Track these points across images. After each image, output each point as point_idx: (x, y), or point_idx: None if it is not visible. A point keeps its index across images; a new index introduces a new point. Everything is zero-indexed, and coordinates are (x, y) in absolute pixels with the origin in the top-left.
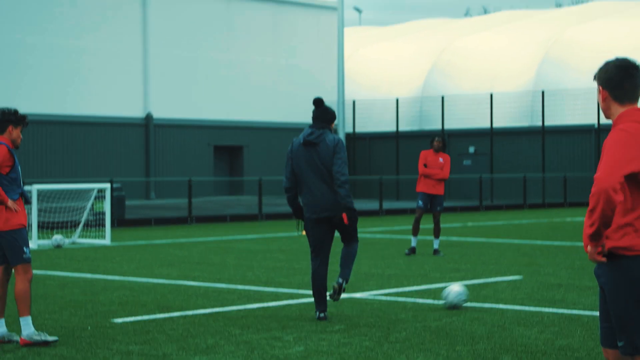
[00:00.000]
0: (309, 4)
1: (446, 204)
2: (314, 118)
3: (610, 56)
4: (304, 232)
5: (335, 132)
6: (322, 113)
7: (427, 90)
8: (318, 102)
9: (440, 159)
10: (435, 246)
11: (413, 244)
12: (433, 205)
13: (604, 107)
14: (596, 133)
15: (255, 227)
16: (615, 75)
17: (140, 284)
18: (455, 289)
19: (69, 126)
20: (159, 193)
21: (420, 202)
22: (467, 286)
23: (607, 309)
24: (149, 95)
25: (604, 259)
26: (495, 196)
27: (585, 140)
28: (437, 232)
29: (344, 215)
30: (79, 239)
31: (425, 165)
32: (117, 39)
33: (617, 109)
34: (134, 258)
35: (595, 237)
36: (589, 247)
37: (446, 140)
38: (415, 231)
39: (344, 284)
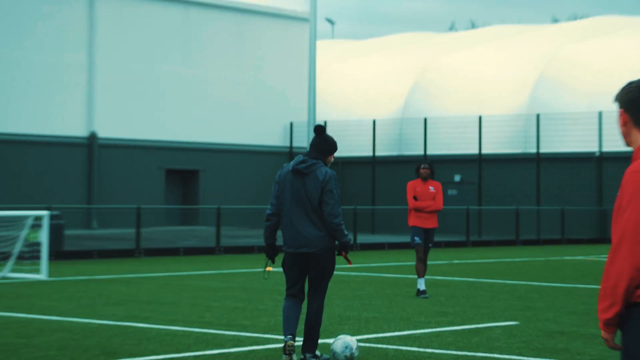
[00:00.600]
0: (277, 14)
1: None
2: (310, 145)
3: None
4: (268, 269)
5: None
6: (320, 142)
7: (408, 112)
8: (318, 130)
9: (431, 188)
10: (421, 287)
11: (421, 287)
12: (425, 240)
13: (625, 133)
14: (598, 161)
15: (212, 262)
16: (639, 97)
17: (81, 325)
18: (343, 341)
19: (1, 145)
20: (103, 222)
21: (417, 239)
22: (454, 333)
23: None
24: (94, 112)
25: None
26: (484, 230)
27: (586, 169)
28: (425, 270)
29: (343, 253)
30: (10, 273)
31: (415, 198)
32: (58, 48)
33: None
34: (74, 295)
35: (616, 320)
36: (605, 334)
37: (433, 165)
38: (421, 272)
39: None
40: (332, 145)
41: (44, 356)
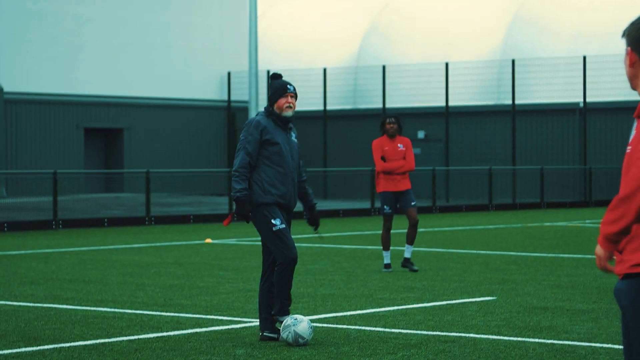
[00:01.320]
0: None
1: None
2: None
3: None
4: (208, 240)
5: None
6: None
7: (364, 58)
8: (272, 77)
9: (400, 146)
10: (407, 254)
11: (386, 260)
12: (403, 203)
13: (631, 75)
14: (581, 114)
15: (142, 234)
16: None
17: None
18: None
19: None
20: (14, 190)
21: (387, 207)
22: (424, 310)
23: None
24: None
25: (612, 269)
26: (452, 194)
27: (568, 122)
28: (411, 236)
29: (229, 215)
30: None
31: (383, 159)
32: None
33: None
34: None
35: (620, 236)
36: (600, 250)
37: (401, 120)
38: (386, 244)
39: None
40: (272, 89)
41: None
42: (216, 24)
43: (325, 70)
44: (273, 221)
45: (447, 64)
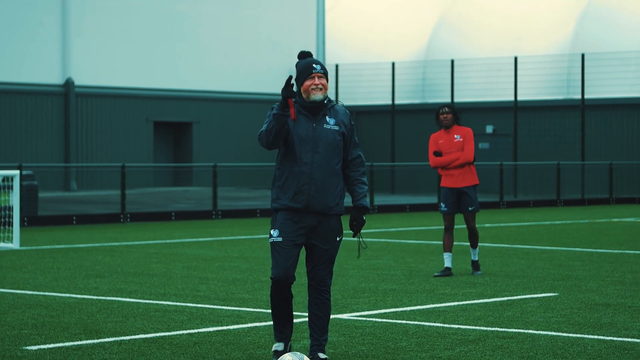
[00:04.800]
0: None
1: None
2: None
3: None
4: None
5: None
6: None
7: (432, 52)
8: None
9: (457, 137)
10: (473, 257)
11: (447, 263)
12: (462, 205)
13: None
14: None
15: (208, 228)
16: None
17: (59, 300)
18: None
19: None
20: (83, 183)
21: (442, 205)
22: (484, 306)
23: None
24: (70, 56)
25: None
26: (520, 190)
27: (638, 117)
28: (472, 240)
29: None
30: None
31: (437, 154)
32: None
33: None
34: (51, 267)
35: None
36: None
37: (456, 109)
38: (445, 245)
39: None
40: (297, 70)
41: (17, 335)
42: (285, 19)
43: (393, 64)
44: (271, 231)
45: (516, 58)
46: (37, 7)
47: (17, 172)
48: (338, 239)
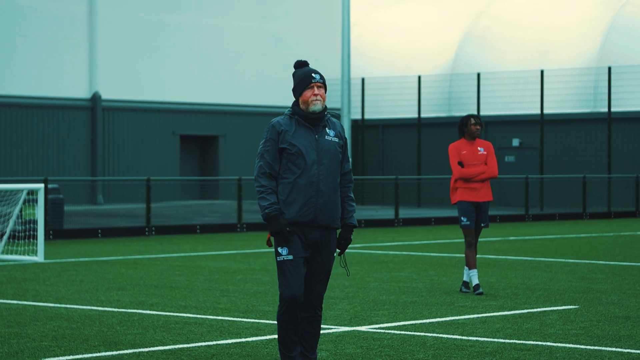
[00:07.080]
0: None
1: None
2: None
3: None
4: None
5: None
6: None
7: (459, 66)
8: (296, 65)
9: (480, 149)
10: (475, 280)
11: (466, 277)
12: (477, 219)
13: None
14: None
15: (233, 241)
16: None
17: (80, 312)
18: None
19: None
20: (109, 196)
21: (464, 219)
22: (503, 318)
23: None
24: (97, 70)
25: None
26: (546, 203)
27: None
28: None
29: (267, 236)
30: (2, 254)
31: (461, 164)
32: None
33: None
34: (74, 279)
35: None
36: None
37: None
38: (469, 261)
39: None
40: (295, 80)
41: (37, 347)
42: (311, 33)
43: (419, 77)
44: (279, 249)
45: (542, 72)
46: (64, 22)
47: (41, 185)
48: (335, 253)
